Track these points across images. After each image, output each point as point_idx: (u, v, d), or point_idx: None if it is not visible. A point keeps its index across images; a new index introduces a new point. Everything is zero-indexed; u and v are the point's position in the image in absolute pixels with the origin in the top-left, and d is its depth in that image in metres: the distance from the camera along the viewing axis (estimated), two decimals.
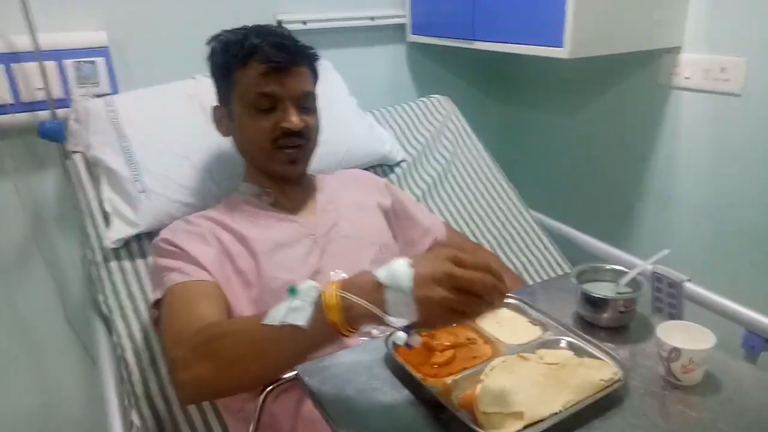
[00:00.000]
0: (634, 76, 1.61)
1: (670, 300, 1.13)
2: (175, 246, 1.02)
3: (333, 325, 0.74)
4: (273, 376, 0.84)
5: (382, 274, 0.72)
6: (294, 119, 1.06)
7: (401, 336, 0.70)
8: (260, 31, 1.08)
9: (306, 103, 1.11)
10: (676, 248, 1.56)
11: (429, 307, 0.69)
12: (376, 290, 0.71)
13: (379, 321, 0.72)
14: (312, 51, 1.13)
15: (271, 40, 1.06)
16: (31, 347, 1.50)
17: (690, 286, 1.18)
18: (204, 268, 0.99)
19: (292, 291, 0.98)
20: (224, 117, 1.14)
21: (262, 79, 1.05)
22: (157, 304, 1.00)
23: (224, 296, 1.00)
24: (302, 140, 1.10)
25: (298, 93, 1.08)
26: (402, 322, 0.70)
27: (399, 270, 0.71)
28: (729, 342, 1.12)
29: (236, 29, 1.10)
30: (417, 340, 0.72)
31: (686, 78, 1.48)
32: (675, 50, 1.49)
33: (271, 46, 1.05)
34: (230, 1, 1.53)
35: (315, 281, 1.03)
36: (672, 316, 1.12)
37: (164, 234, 1.06)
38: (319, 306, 0.75)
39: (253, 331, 0.82)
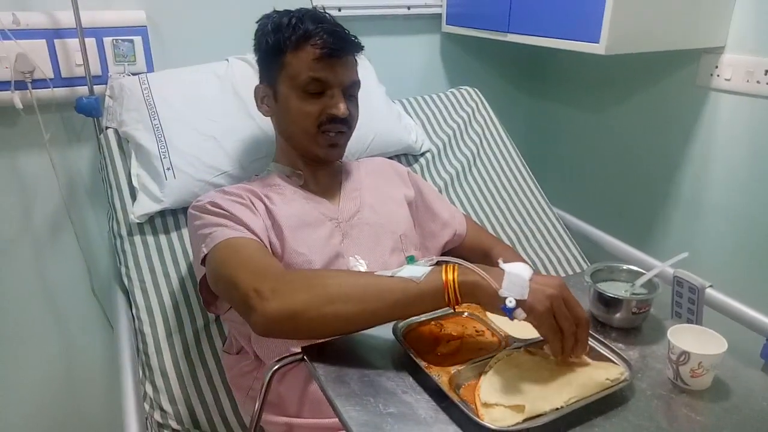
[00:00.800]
0: (671, 76, 1.57)
1: (690, 305, 1.10)
2: (225, 210, 1.01)
3: (445, 285, 0.79)
4: (364, 324, 0.84)
5: (506, 265, 0.79)
6: (341, 106, 1.08)
7: (513, 300, 0.75)
8: (313, 16, 1.09)
9: (352, 92, 1.13)
10: (702, 254, 1.54)
11: (540, 295, 0.76)
12: (496, 271, 0.79)
13: (488, 298, 0.78)
14: (358, 41, 1.13)
15: (325, 27, 1.07)
16: (58, 315, 1.55)
17: (711, 293, 1.16)
18: (256, 234, 0.99)
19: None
20: (267, 96, 1.15)
21: (315, 64, 1.06)
22: (204, 261, 0.98)
23: None
24: (344, 127, 1.12)
25: (347, 81, 1.10)
26: (511, 296, 0.76)
27: (522, 265, 0.80)
28: (749, 350, 1.09)
29: (288, 11, 1.11)
30: (521, 314, 0.76)
31: (726, 80, 1.44)
32: (717, 50, 1.44)
33: (326, 32, 1.06)
34: None
35: (335, 263, 1.06)
36: (690, 322, 1.10)
37: (208, 198, 1.05)
38: (437, 269, 0.82)
39: (359, 276, 0.86)
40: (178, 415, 1.12)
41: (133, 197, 1.26)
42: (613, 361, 0.81)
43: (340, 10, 1.65)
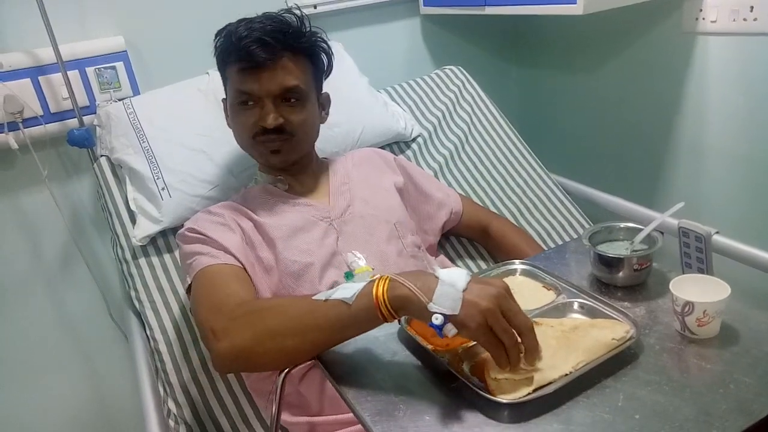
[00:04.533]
0: (656, 26, 1.54)
1: (699, 254, 1.08)
2: (202, 234, 1.04)
3: (375, 302, 0.76)
4: (309, 353, 0.84)
5: (442, 272, 0.75)
6: (268, 118, 1.05)
7: (440, 317, 0.71)
8: (250, 24, 1.06)
9: (289, 97, 1.08)
10: (707, 200, 1.52)
11: (473, 310, 0.71)
12: (430, 280, 0.74)
13: (419, 312, 0.74)
14: (304, 40, 1.10)
15: (254, 36, 1.03)
16: (80, 345, 1.58)
17: (719, 239, 1.14)
18: (231, 254, 1.02)
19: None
20: (226, 110, 1.17)
21: (241, 77, 1.06)
22: (189, 290, 1.02)
23: (251, 280, 1.02)
24: (284, 136, 1.09)
25: (276, 90, 1.06)
26: (441, 311, 0.71)
27: (458, 273, 0.75)
28: (764, 292, 1.08)
29: (239, 21, 1.09)
30: (451, 329, 0.72)
31: (712, 22, 1.41)
32: None
33: (252, 42, 1.03)
34: None
35: (333, 262, 1.06)
36: (701, 271, 1.08)
37: (189, 224, 1.09)
38: (369, 287, 0.78)
39: (296, 306, 0.85)
40: (203, 428, 1.13)
41: (133, 221, 1.28)
42: (618, 320, 0.81)
43: (315, 7, 1.63)
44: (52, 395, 1.57)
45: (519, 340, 0.72)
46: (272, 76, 1.06)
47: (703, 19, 1.42)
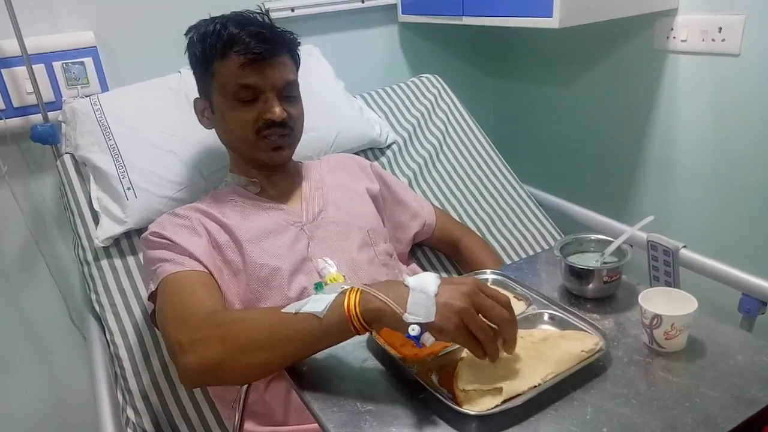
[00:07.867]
0: (629, 43, 1.57)
1: (666, 268, 1.10)
2: (166, 239, 1.01)
3: (348, 316, 0.75)
4: (279, 367, 0.82)
5: (411, 280, 0.75)
6: (277, 110, 1.04)
7: (416, 327, 0.71)
8: (239, 19, 1.06)
9: (288, 92, 1.09)
10: (676, 216, 1.55)
11: (448, 312, 0.71)
12: (401, 290, 0.74)
13: (395, 324, 0.73)
14: (292, 38, 1.11)
15: (250, 30, 1.03)
16: (39, 348, 1.53)
17: (686, 253, 1.16)
18: (197, 259, 0.99)
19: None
20: (206, 109, 1.13)
21: (241, 71, 1.03)
22: (152, 297, 0.99)
23: (218, 286, 1.00)
24: (286, 130, 1.08)
25: (279, 83, 1.06)
26: (416, 320, 0.71)
27: (428, 278, 0.75)
28: (728, 306, 1.09)
29: (214, 18, 1.08)
30: (429, 338, 0.72)
31: (682, 41, 1.44)
32: (670, 12, 1.44)
33: (250, 36, 1.02)
34: None
35: (303, 268, 1.05)
36: (669, 285, 1.10)
37: (153, 227, 1.05)
38: (340, 299, 0.77)
39: (266, 319, 0.82)
40: None
41: (96, 221, 1.24)
42: (588, 332, 0.81)
43: (293, 10, 1.62)
44: (7, 397, 1.51)
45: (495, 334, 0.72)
46: (275, 69, 1.05)
47: (674, 37, 1.45)
